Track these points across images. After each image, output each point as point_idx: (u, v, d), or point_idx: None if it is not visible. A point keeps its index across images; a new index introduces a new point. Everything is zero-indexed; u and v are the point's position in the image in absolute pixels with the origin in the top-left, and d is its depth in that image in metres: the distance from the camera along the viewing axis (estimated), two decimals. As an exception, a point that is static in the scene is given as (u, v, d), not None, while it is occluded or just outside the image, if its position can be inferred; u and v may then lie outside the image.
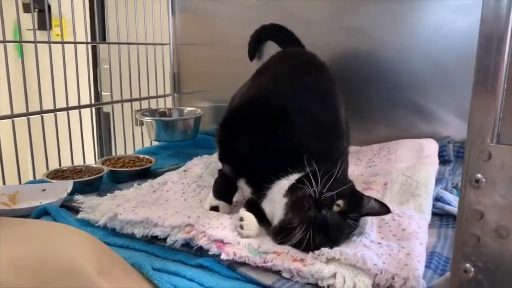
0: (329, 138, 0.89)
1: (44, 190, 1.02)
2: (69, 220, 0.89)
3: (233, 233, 0.77)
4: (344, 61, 1.36)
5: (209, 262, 0.74)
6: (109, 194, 1.01)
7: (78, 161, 1.34)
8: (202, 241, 0.75)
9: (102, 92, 1.63)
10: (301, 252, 0.71)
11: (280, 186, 0.79)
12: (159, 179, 1.08)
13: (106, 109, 1.54)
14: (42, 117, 1.23)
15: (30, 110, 1.21)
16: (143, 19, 1.59)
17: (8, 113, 1.15)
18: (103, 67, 1.61)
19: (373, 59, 1.33)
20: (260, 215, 0.82)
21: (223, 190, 0.92)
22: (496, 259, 0.45)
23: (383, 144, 1.27)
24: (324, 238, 0.71)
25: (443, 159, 1.19)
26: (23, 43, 1.26)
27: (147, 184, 1.06)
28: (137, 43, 1.54)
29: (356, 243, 0.72)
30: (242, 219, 0.78)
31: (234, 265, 0.72)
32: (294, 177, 0.79)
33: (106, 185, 1.15)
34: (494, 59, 0.44)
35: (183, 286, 0.68)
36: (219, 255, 0.73)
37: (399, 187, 1.00)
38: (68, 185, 1.02)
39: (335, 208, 0.73)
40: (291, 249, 0.72)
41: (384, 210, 0.76)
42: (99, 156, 1.54)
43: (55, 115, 1.27)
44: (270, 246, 0.74)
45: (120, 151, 1.57)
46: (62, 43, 1.27)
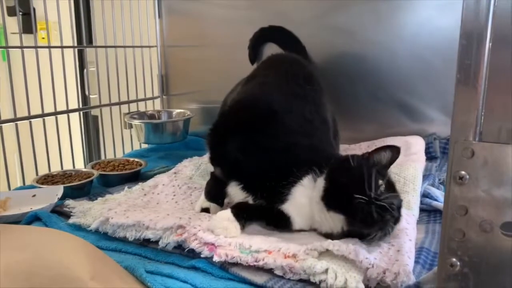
0: (319, 137, 0.90)
1: (34, 195, 1.02)
2: (61, 225, 0.89)
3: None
4: (330, 60, 1.38)
5: (202, 263, 0.74)
6: (100, 198, 1.01)
7: (67, 165, 1.33)
8: (193, 244, 0.76)
9: (90, 95, 1.63)
10: (293, 248, 0.72)
11: (304, 189, 0.80)
12: (150, 182, 1.09)
13: (94, 112, 1.54)
14: (30, 123, 1.22)
15: (18, 116, 1.20)
16: (129, 22, 1.59)
17: (-4, 119, 1.15)
18: (90, 70, 1.60)
19: (358, 58, 1.34)
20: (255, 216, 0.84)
21: (215, 192, 0.93)
22: (480, 253, 0.47)
23: (371, 142, 1.29)
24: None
25: (429, 155, 1.21)
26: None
27: (138, 187, 1.06)
28: (124, 46, 1.54)
29: (348, 240, 0.73)
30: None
31: (227, 266, 0.73)
32: (310, 179, 0.80)
33: (96, 189, 1.15)
34: (474, 58, 0.45)
35: (177, 288, 0.69)
36: (211, 257, 0.74)
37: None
38: (59, 190, 1.01)
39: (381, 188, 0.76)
40: (282, 246, 0.73)
41: (397, 150, 0.80)
42: (89, 160, 1.53)
43: (43, 119, 1.26)
44: (262, 244, 0.75)
45: (109, 154, 1.57)
46: (49, 47, 1.26)
